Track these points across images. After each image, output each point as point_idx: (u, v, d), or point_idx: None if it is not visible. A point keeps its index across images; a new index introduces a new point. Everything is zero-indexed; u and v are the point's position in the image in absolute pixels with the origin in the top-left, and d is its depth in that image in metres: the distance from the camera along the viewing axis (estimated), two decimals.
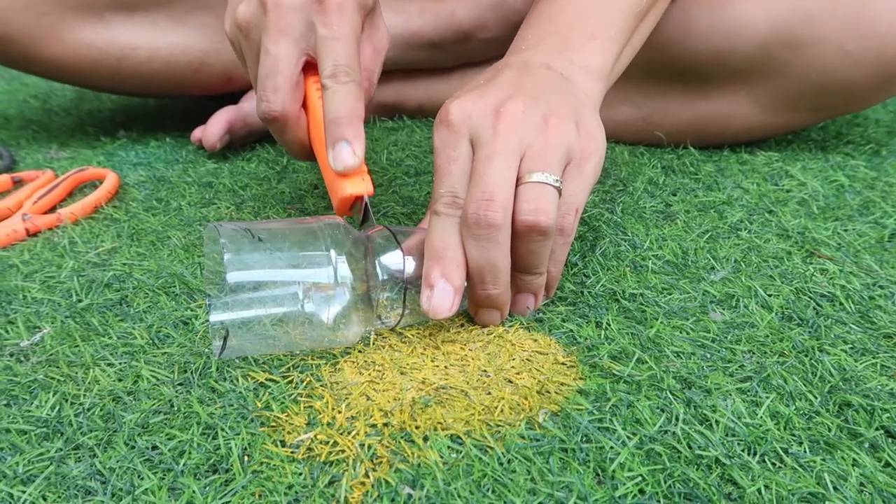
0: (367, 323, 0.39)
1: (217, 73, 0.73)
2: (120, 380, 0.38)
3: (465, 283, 0.39)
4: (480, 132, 0.40)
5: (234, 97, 0.75)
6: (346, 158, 0.42)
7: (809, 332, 0.41)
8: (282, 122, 0.45)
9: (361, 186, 0.43)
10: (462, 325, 0.42)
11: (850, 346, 0.40)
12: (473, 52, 0.76)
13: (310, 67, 0.46)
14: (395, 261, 0.39)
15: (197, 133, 0.73)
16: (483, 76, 0.45)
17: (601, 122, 0.43)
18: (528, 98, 0.41)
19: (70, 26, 0.67)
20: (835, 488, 0.31)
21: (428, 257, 0.39)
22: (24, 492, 0.31)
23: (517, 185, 0.39)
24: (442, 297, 0.38)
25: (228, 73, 0.73)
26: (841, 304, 0.44)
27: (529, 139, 0.40)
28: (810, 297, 0.45)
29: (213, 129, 0.71)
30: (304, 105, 0.47)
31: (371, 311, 0.39)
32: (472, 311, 0.41)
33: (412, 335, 0.41)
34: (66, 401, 0.37)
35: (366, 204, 0.43)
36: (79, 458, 0.33)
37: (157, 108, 0.90)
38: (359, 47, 0.45)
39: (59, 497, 0.31)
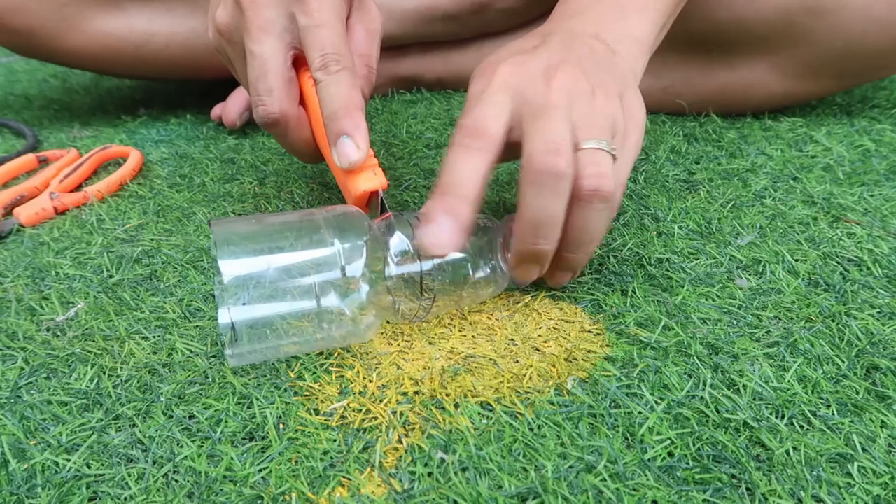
0: (387, 314, 0.37)
1: None
2: (155, 352, 0.39)
3: (474, 225, 0.36)
4: (530, 91, 0.38)
5: None
6: (349, 153, 0.40)
7: (836, 297, 0.41)
8: (283, 125, 0.43)
9: (374, 181, 0.41)
10: (482, 301, 0.43)
11: (878, 310, 0.40)
12: (491, 22, 0.76)
13: (301, 61, 0.44)
14: (401, 247, 0.37)
15: (217, 110, 0.74)
16: (528, 41, 0.42)
17: (642, 99, 0.42)
18: (576, 68, 0.39)
19: (89, 16, 0.67)
20: (863, 449, 0.31)
21: (434, 191, 0.36)
22: (68, 460, 0.32)
23: (574, 150, 0.37)
24: (442, 231, 0.35)
25: None
26: (868, 268, 0.44)
27: (580, 104, 0.38)
28: (837, 262, 0.44)
29: (233, 107, 0.71)
30: (303, 102, 0.45)
31: (390, 303, 0.37)
32: (512, 264, 0.39)
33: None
34: (104, 373, 0.38)
35: (381, 199, 0.41)
36: (119, 427, 0.34)
37: (177, 86, 0.91)
38: (346, 31, 0.43)
39: (103, 465, 0.32)
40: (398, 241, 0.37)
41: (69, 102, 0.88)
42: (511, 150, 0.38)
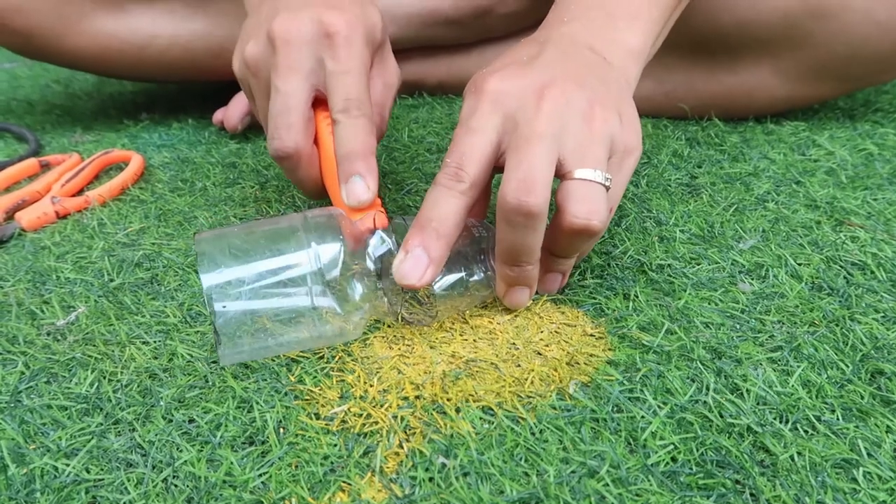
0: (378, 314, 0.38)
1: None
2: (155, 357, 0.39)
3: (445, 258, 0.37)
4: (520, 112, 0.37)
5: None
6: (359, 193, 0.42)
7: (840, 301, 0.41)
8: (295, 160, 0.44)
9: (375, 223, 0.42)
10: (479, 303, 0.42)
11: (882, 314, 0.40)
12: (493, 27, 0.76)
13: (319, 103, 0.45)
14: (382, 250, 0.38)
15: (218, 115, 0.74)
16: (523, 49, 0.42)
17: (636, 111, 0.41)
18: (574, 83, 0.38)
19: (91, 17, 0.67)
20: (869, 454, 0.31)
21: (413, 224, 0.37)
22: (67, 464, 0.32)
23: (564, 178, 0.37)
24: (413, 264, 0.36)
25: None
26: (872, 272, 0.43)
27: (574, 127, 0.37)
28: (841, 266, 0.44)
29: (235, 112, 0.71)
30: (315, 141, 0.46)
31: (380, 304, 0.38)
32: (501, 291, 0.40)
33: None
34: (104, 378, 0.38)
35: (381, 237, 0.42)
36: (119, 432, 0.34)
37: (178, 91, 0.91)
38: (368, 82, 0.45)
39: (102, 469, 0.32)
40: (377, 243, 0.39)
41: (71, 107, 0.88)
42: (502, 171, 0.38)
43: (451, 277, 0.39)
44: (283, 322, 0.36)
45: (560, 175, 0.37)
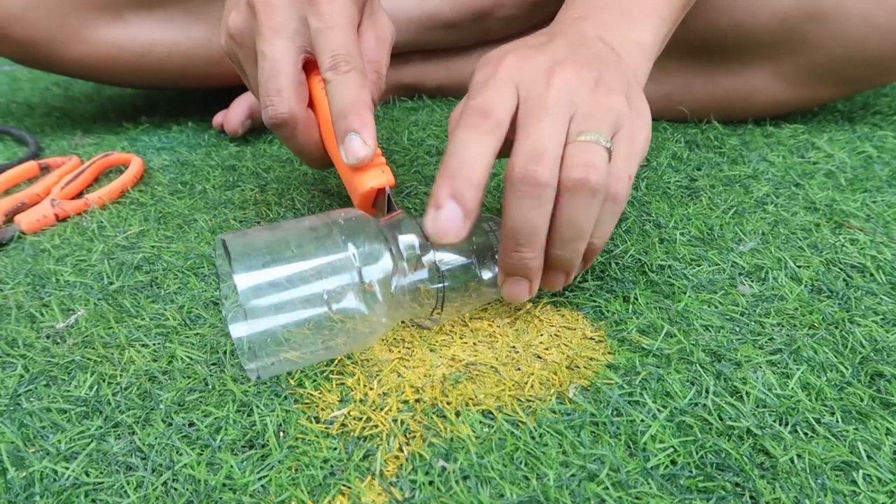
0: (403, 313, 0.37)
1: None
2: (155, 360, 0.39)
3: (480, 214, 0.36)
4: (531, 86, 0.37)
5: None
6: (357, 149, 0.40)
7: (840, 303, 0.41)
8: (291, 126, 0.43)
9: (381, 178, 0.41)
10: (488, 302, 0.42)
11: (882, 317, 0.40)
12: (492, 30, 0.76)
13: (311, 65, 0.44)
14: (411, 240, 0.37)
15: (218, 118, 0.74)
16: (534, 38, 0.42)
17: (647, 102, 0.41)
18: (582, 65, 0.38)
19: (91, 26, 0.67)
20: (868, 457, 0.31)
21: (440, 174, 0.35)
22: (67, 468, 0.32)
23: (565, 145, 0.36)
24: (449, 218, 0.34)
25: None
26: (871, 274, 0.43)
27: (580, 101, 0.37)
28: (840, 269, 0.44)
29: (235, 115, 0.71)
30: (312, 106, 0.45)
31: (407, 303, 0.37)
32: (500, 281, 0.38)
33: None
34: (104, 381, 0.37)
35: (388, 197, 0.41)
36: (118, 435, 0.34)
37: (178, 94, 0.91)
38: (356, 35, 0.44)
39: (102, 472, 0.32)
40: (409, 239, 0.37)
41: (71, 110, 0.88)
42: (508, 146, 0.37)
43: (460, 268, 0.38)
44: (314, 330, 0.34)
45: (565, 146, 0.36)
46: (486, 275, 0.38)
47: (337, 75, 0.41)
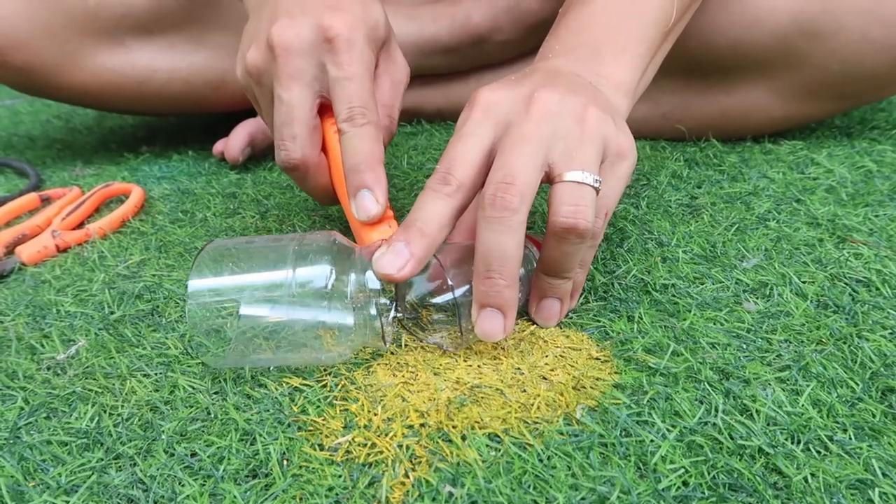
0: (364, 339, 0.38)
1: (236, 91, 0.73)
2: (156, 390, 0.38)
3: (430, 256, 0.37)
4: (511, 117, 0.38)
5: (253, 111, 0.75)
6: (368, 207, 0.41)
7: (846, 318, 0.41)
8: (302, 170, 0.44)
9: (387, 234, 0.41)
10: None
11: (890, 331, 0.39)
12: (489, 54, 0.77)
13: (325, 108, 0.45)
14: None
15: (219, 146, 0.74)
16: (511, 76, 0.43)
17: (630, 132, 0.41)
18: (564, 90, 0.39)
19: (91, 53, 0.67)
20: (884, 474, 0.30)
21: (401, 225, 0.37)
22: (67, 502, 0.32)
23: (554, 182, 0.37)
24: (393, 257, 0.36)
25: None
26: (877, 288, 0.43)
27: (564, 130, 0.37)
28: (846, 283, 0.44)
29: (236, 143, 0.71)
30: (325, 149, 0.45)
31: (369, 329, 0.38)
32: (475, 315, 0.37)
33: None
34: (105, 412, 0.37)
35: None
36: (120, 467, 0.33)
37: (178, 123, 0.91)
38: (373, 84, 0.44)
39: None
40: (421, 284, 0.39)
41: (72, 142, 0.89)
42: None
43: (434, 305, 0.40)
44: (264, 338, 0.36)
45: (550, 180, 0.37)
46: (465, 321, 0.38)
47: (352, 127, 0.42)
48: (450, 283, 0.38)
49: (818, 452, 0.32)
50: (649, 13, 0.46)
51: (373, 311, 0.37)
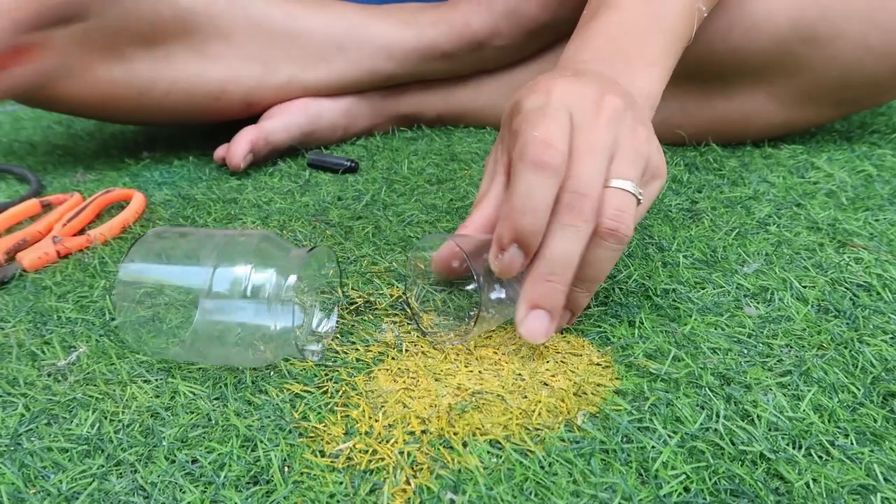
0: (278, 346, 0.38)
1: (237, 100, 0.73)
2: (157, 396, 0.38)
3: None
4: (582, 116, 0.38)
5: (254, 118, 0.76)
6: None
7: (847, 323, 0.41)
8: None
9: None
10: (493, 330, 0.42)
11: (891, 335, 0.39)
12: (488, 60, 0.77)
13: None
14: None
15: (220, 152, 0.74)
16: (564, 70, 0.43)
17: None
18: (623, 100, 0.39)
19: (91, 65, 0.67)
20: (885, 479, 0.30)
21: (535, 272, 0.37)
22: None
23: (603, 185, 0.37)
24: (511, 259, 0.36)
25: (248, 100, 0.73)
26: (878, 293, 0.43)
27: (622, 139, 0.38)
28: (846, 288, 0.44)
29: (237, 150, 0.71)
30: None
31: (286, 340, 0.38)
32: (522, 315, 0.38)
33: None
34: (106, 418, 0.37)
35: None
36: (120, 473, 0.33)
37: (179, 129, 0.91)
38: None
39: None
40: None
41: (73, 147, 0.89)
42: None
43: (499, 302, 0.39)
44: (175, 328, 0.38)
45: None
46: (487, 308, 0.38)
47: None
48: (475, 272, 0.38)
49: (820, 458, 0.32)
50: (677, 27, 0.47)
51: (298, 320, 0.37)
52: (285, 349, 0.38)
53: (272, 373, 0.39)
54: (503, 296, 0.39)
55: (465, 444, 0.33)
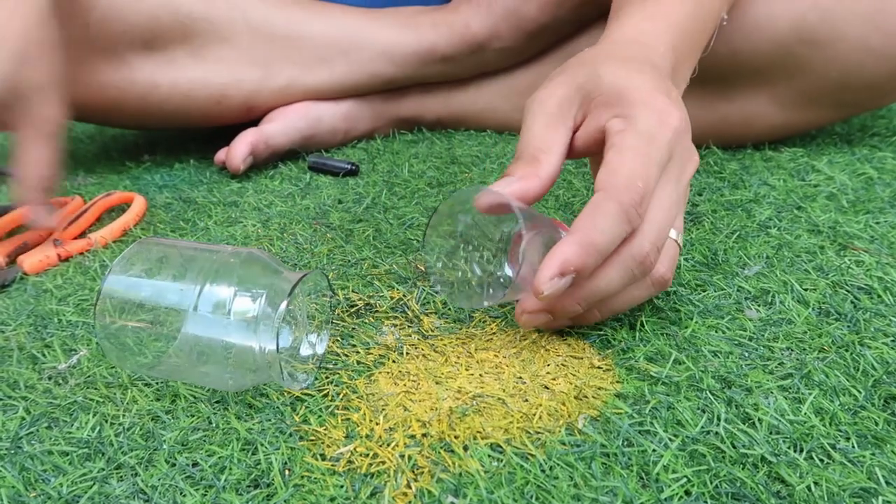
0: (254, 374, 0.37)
1: (238, 105, 0.73)
2: (158, 399, 0.38)
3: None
4: (676, 152, 0.39)
5: (254, 121, 0.76)
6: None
7: (848, 326, 0.41)
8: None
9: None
10: (494, 333, 0.42)
11: (892, 338, 0.39)
12: (488, 62, 0.77)
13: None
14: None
15: (220, 155, 0.74)
16: (631, 47, 0.43)
17: None
18: (690, 139, 0.40)
19: (91, 69, 0.67)
20: (887, 482, 0.30)
21: (581, 244, 0.35)
22: None
23: None
24: (558, 286, 0.35)
25: (249, 104, 0.74)
26: (879, 296, 0.43)
27: (685, 190, 0.40)
28: (847, 291, 0.44)
29: (237, 152, 0.71)
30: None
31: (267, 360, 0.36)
32: (530, 306, 0.39)
33: (444, 344, 0.41)
34: (106, 421, 0.37)
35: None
36: (121, 477, 0.33)
37: (180, 132, 0.91)
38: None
39: None
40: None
41: (74, 150, 0.89)
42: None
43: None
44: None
45: None
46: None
47: None
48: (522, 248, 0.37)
49: (821, 461, 0.32)
50: (705, 34, 0.49)
51: (283, 342, 0.36)
52: (269, 375, 0.36)
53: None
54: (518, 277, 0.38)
55: (465, 448, 0.33)
